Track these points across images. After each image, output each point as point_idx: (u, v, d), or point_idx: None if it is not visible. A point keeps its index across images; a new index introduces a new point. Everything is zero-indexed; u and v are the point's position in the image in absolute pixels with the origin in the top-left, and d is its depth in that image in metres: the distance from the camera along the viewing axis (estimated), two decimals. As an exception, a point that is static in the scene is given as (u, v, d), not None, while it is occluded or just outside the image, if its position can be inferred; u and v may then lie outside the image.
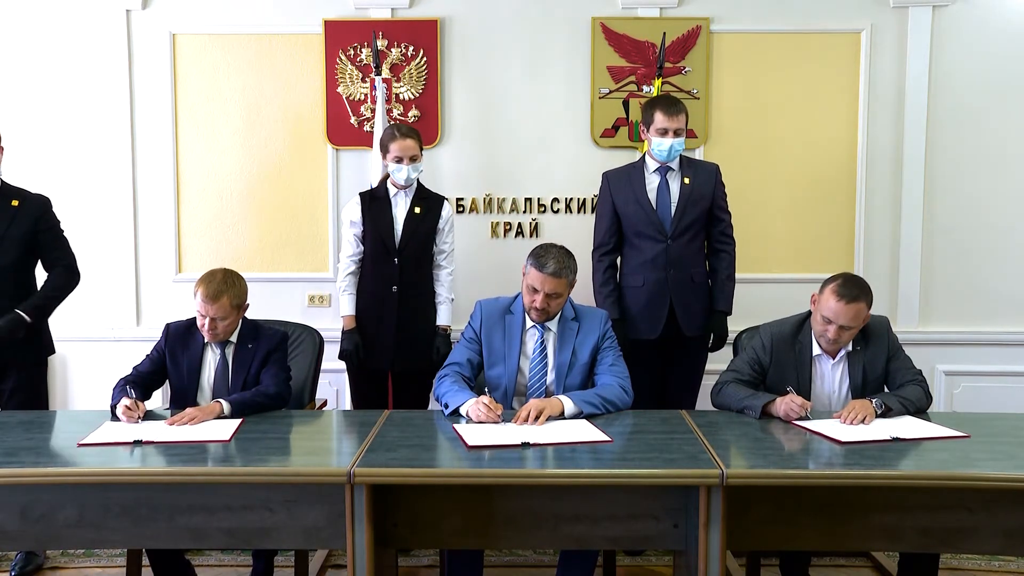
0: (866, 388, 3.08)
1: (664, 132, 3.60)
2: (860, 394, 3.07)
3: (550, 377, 3.15)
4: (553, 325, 3.18)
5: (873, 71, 4.34)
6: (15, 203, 3.47)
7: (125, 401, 2.88)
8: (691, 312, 3.67)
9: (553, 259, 3.07)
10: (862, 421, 2.82)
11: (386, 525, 2.53)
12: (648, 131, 3.67)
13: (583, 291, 3.81)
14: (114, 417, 2.91)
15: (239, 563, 3.54)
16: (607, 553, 3.24)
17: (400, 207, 3.76)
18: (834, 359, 3.11)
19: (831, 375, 3.12)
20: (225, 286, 3.08)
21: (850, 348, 3.09)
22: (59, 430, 2.82)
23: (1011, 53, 4.32)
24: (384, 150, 3.73)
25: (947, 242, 4.41)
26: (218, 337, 3.12)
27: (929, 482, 2.41)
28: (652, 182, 3.70)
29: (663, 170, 3.69)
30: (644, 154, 3.79)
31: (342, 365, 3.85)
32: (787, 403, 2.89)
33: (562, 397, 2.93)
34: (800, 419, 2.86)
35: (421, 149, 3.74)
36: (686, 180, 3.68)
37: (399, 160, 3.67)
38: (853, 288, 2.96)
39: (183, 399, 3.14)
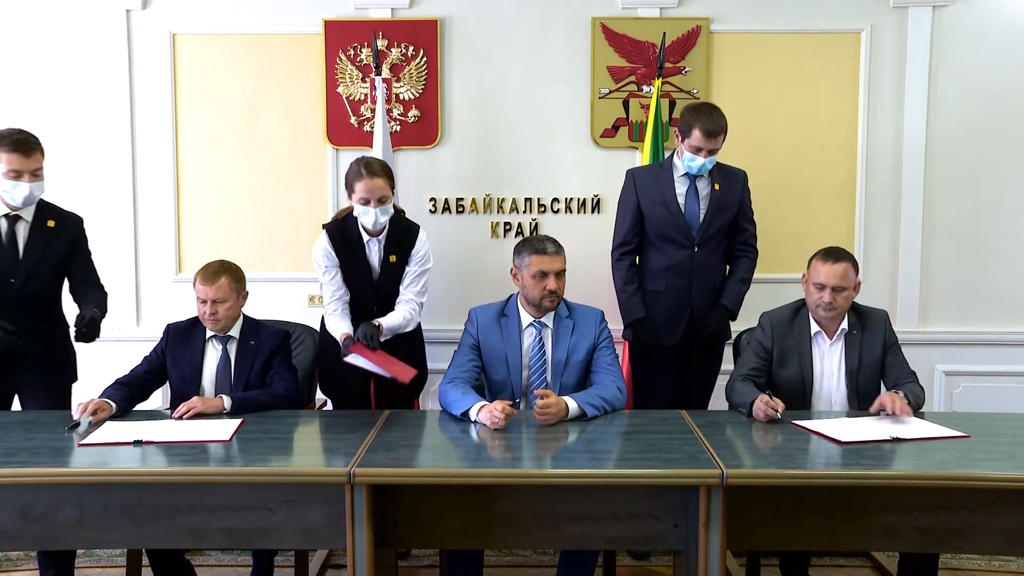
0: (862, 370, 3.16)
1: (699, 151, 3.48)
2: (856, 375, 3.14)
3: (548, 374, 3.17)
4: (549, 322, 3.21)
5: (873, 71, 4.34)
6: (51, 223, 3.25)
7: (94, 400, 2.92)
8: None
9: (548, 241, 3.21)
10: (898, 411, 2.86)
11: (386, 525, 2.53)
12: (682, 139, 3.53)
13: (587, 290, 3.81)
14: (112, 417, 2.93)
15: (239, 563, 3.54)
16: (607, 553, 3.24)
17: (374, 254, 3.40)
18: (832, 338, 3.17)
19: (829, 355, 3.18)
20: (222, 268, 3.16)
21: (847, 328, 3.17)
22: (59, 430, 2.82)
23: (1011, 53, 4.32)
24: (349, 189, 3.30)
25: (947, 242, 4.41)
26: (220, 324, 3.14)
27: (929, 482, 2.41)
28: (681, 185, 3.60)
29: (692, 175, 3.59)
30: (672, 153, 3.68)
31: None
32: (758, 405, 2.92)
33: (567, 399, 2.93)
34: (774, 420, 2.89)
35: (393, 186, 3.36)
36: (716, 186, 3.59)
37: (365, 202, 3.25)
38: (835, 251, 3.16)
39: (184, 400, 3.14)
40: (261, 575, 3.24)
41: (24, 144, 3.11)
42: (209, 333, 3.19)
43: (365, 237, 3.37)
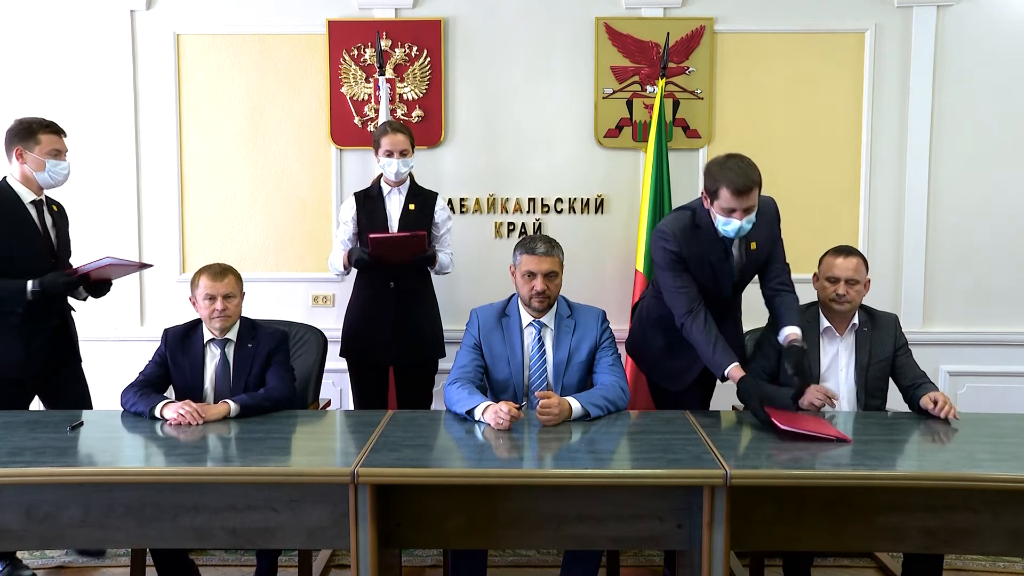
0: (871, 366, 3.21)
1: (731, 212, 2.96)
2: (865, 371, 3.19)
3: (549, 374, 3.16)
4: (550, 322, 3.19)
5: (877, 71, 4.34)
6: (55, 208, 3.47)
7: (181, 408, 2.91)
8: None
9: (540, 241, 3.16)
10: (948, 413, 2.93)
11: (390, 525, 2.53)
12: (711, 202, 2.99)
13: (589, 290, 3.81)
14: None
15: (243, 563, 3.54)
16: (610, 553, 3.24)
17: (394, 204, 3.80)
18: (842, 335, 3.23)
19: (839, 350, 3.23)
20: (226, 267, 3.22)
21: (857, 325, 3.23)
22: (62, 429, 2.82)
23: (1015, 52, 4.32)
24: (376, 145, 3.76)
25: (951, 242, 4.41)
26: (230, 321, 3.16)
27: (933, 483, 2.40)
28: (720, 247, 3.12)
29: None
30: (702, 209, 3.09)
31: (346, 364, 3.86)
32: (812, 392, 3.00)
33: (570, 399, 2.93)
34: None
35: (412, 146, 3.78)
36: (753, 245, 3.13)
37: (389, 154, 3.70)
38: (846, 247, 3.28)
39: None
40: (265, 575, 3.25)
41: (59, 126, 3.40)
42: (207, 337, 3.20)
43: (386, 189, 3.81)
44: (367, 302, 3.78)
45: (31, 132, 3.29)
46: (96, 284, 3.37)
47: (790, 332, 3.05)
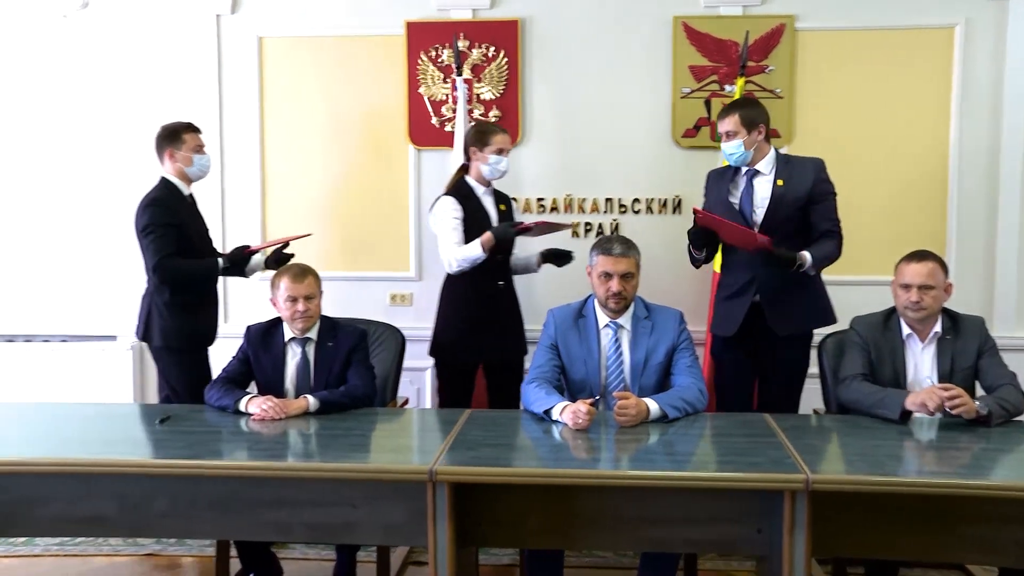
0: (954, 375, 3.08)
1: (721, 136, 3.48)
2: (948, 380, 3.05)
3: (626, 376, 3.14)
4: (627, 323, 3.17)
5: (967, 68, 4.19)
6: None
7: (264, 403, 2.97)
8: (782, 310, 3.46)
9: (616, 242, 3.16)
10: (954, 407, 2.79)
11: (467, 523, 2.54)
12: None
13: (667, 291, 3.78)
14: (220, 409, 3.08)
15: (323, 557, 3.60)
16: (688, 556, 3.20)
17: (489, 205, 3.76)
18: (924, 341, 3.12)
19: (921, 358, 3.12)
20: (306, 268, 3.28)
21: (940, 332, 3.11)
22: (152, 423, 2.90)
23: (1119, 45, 4.13)
24: (483, 143, 3.68)
25: (1047, 244, 4.24)
26: (311, 321, 3.21)
27: (1027, 493, 2.32)
28: (740, 183, 3.51)
29: (751, 172, 3.48)
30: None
31: (423, 363, 3.90)
32: (929, 394, 2.83)
33: (648, 400, 2.90)
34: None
35: None
36: (779, 182, 3.44)
37: (500, 152, 3.68)
38: (920, 252, 3.15)
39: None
40: (344, 569, 3.29)
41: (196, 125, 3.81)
42: (288, 335, 3.26)
43: (480, 190, 3.75)
44: (477, 302, 3.70)
45: (177, 134, 3.68)
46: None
47: (802, 252, 3.37)
